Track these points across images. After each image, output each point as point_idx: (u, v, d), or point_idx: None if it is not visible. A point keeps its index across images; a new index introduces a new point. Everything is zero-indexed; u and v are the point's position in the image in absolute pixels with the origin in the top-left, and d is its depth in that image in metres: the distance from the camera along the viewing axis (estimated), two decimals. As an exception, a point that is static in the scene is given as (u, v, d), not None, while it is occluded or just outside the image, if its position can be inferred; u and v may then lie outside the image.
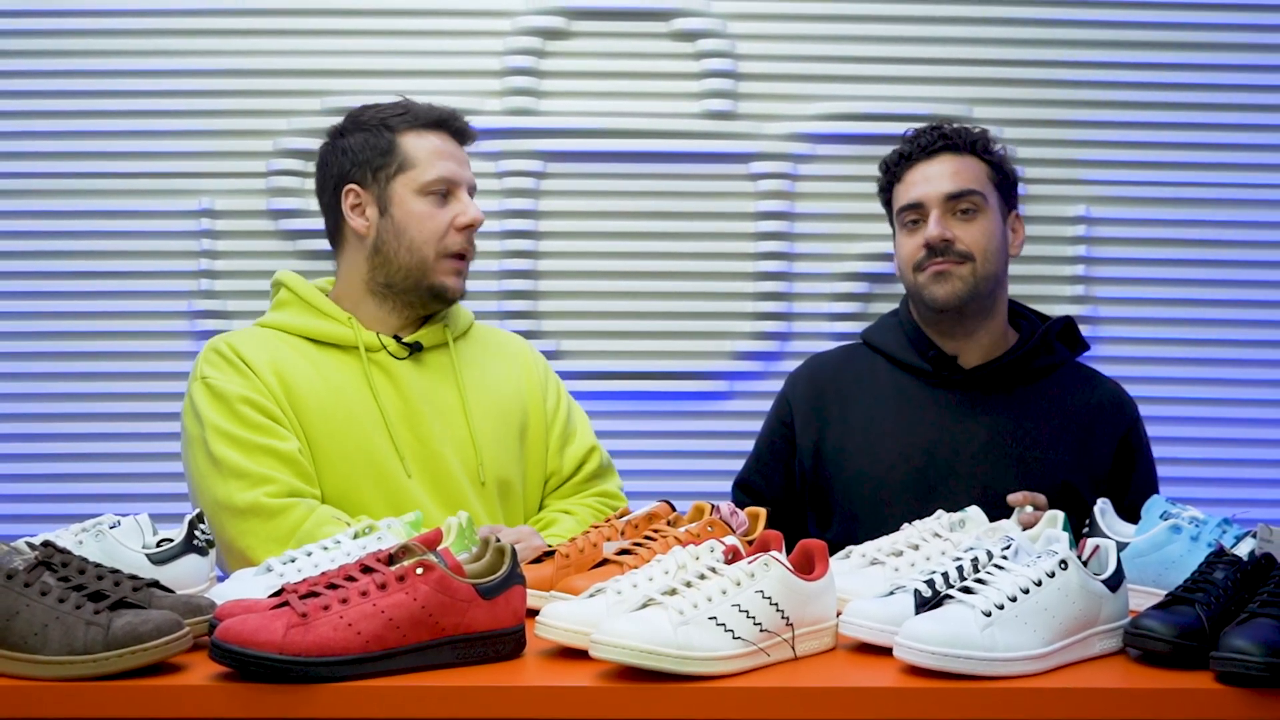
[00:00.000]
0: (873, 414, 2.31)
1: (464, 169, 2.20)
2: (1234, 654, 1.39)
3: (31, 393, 2.89)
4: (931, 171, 2.29)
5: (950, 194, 2.27)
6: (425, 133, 2.17)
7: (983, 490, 2.15)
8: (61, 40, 2.88)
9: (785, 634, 1.48)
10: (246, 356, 2.07)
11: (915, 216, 2.29)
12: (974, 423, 2.27)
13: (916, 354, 2.32)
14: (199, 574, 1.71)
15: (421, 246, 2.14)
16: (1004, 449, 2.25)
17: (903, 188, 2.32)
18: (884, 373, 2.35)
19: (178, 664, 1.43)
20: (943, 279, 2.25)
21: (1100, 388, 2.37)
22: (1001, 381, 2.30)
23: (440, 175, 2.15)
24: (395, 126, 2.16)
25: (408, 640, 1.42)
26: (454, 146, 2.20)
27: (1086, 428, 2.29)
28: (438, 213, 2.15)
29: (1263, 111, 2.97)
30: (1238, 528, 1.75)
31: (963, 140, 2.31)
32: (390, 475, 2.09)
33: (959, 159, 2.30)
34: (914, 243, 2.28)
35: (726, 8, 2.94)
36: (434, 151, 2.17)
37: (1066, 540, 1.55)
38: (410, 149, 2.16)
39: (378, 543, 1.68)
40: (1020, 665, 1.43)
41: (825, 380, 2.38)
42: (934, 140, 2.30)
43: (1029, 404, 2.29)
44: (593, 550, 1.76)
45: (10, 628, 1.38)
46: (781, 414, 2.39)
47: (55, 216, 2.88)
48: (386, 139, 2.16)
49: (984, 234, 2.27)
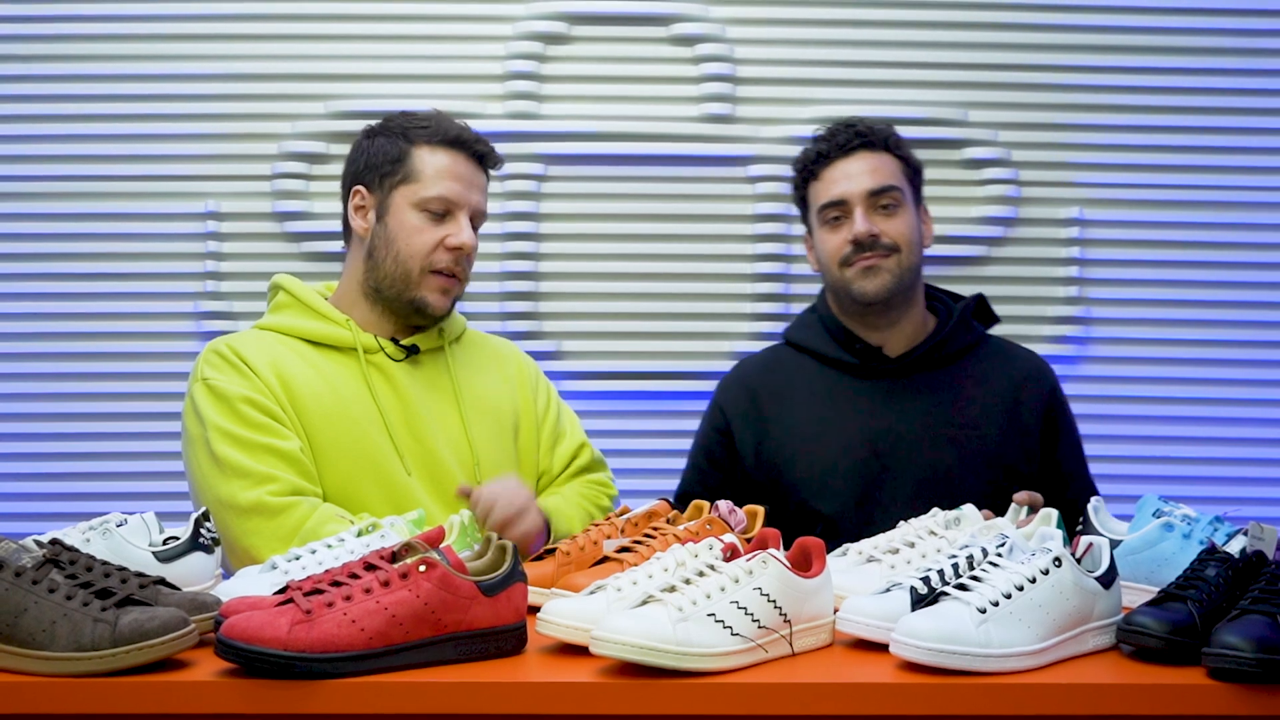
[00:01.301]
0: (809, 412, 2.33)
1: (470, 192, 2.15)
2: (1225, 650, 1.39)
3: (39, 393, 2.89)
4: (851, 169, 2.30)
5: (872, 190, 2.29)
6: (439, 149, 2.15)
7: (926, 473, 2.23)
8: (69, 45, 2.88)
9: (783, 630, 1.48)
10: (247, 357, 2.07)
11: (838, 214, 2.30)
12: (907, 408, 2.30)
13: (842, 348, 2.35)
14: (205, 571, 1.72)
15: (407, 259, 2.13)
16: (940, 430, 2.28)
17: (822, 185, 2.32)
18: (813, 370, 2.36)
19: (184, 660, 1.43)
20: (872, 273, 2.27)
21: (1019, 358, 2.42)
22: (927, 365, 2.33)
23: (439, 194, 2.13)
24: (413, 138, 2.16)
25: (411, 637, 1.42)
26: (469, 169, 2.17)
27: (1013, 397, 2.33)
28: (429, 229, 2.13)
29: (1255, 115, 2.97)
30: (1229, 525, 1.75)
31: (877, 138, 2.32)
32: (390, 474, 2.09)
33: (875, 156, 2.31)
34: (839, 239, 2.29)
35: (725, 13, 2.95)
36: (441, 170, 2.14)
37: (1060, 538, 1.55)
38: (419, 162, 2.14)
39: (381, 540, 1.69)
40: (1015, 661, 1.43)
41: (756, 384, 2.38)
42: (850, 139, 2.31)
43: (956, 383, 2.33)
44: (593, 548, 1.76)
45: (18, 624, 1.39)
46: (716, 422, 2.39)
47: (63, 219, 2.89)
48: (401, 148, 2.15)
49: (906, 226, 2.30)
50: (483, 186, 2.20)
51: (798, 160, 2.38)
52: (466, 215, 2.14)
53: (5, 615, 1.39)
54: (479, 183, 2.19)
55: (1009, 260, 2.97)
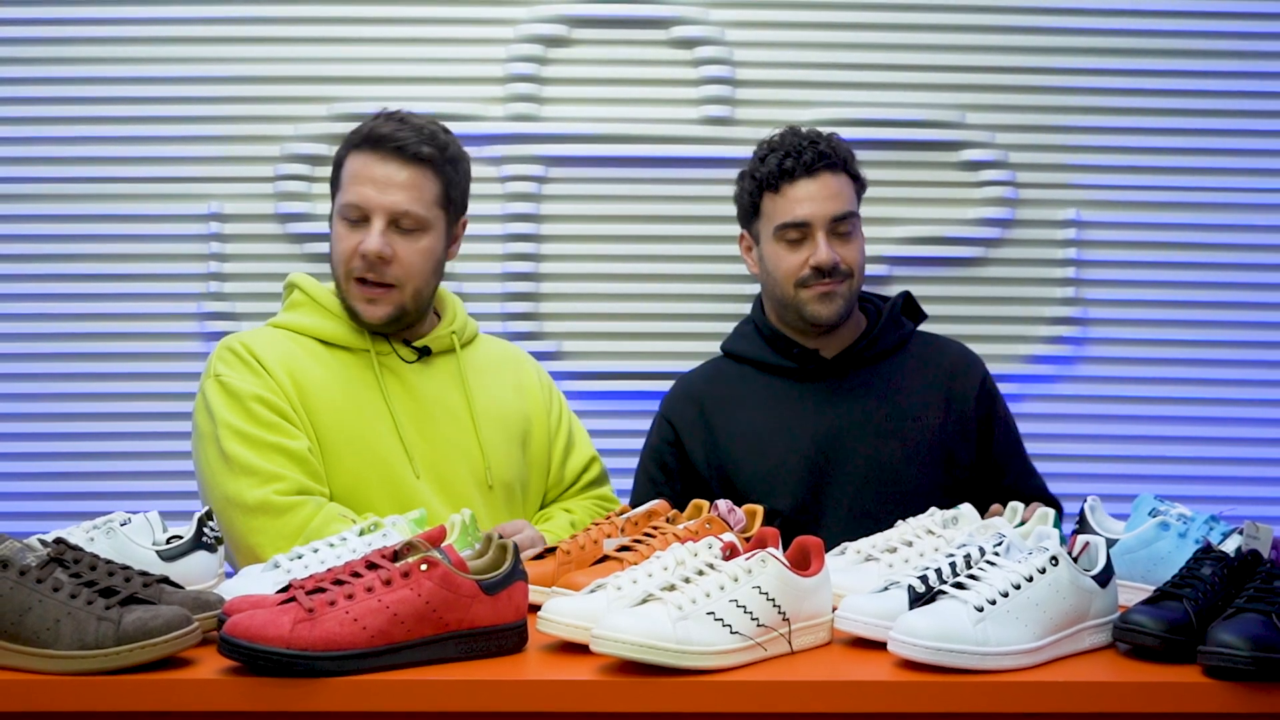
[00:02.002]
0: (754, 417, 2.34)
1: (383, 194, 2.05)
2: (1221, 648, 1.39)
3: (44, 393, 2.89)
4: (814, 191, 2.28)
5: (835, 216, 2.28)
6: (360, 153, 2.09)
7: (871, 464, 2.27)
8: (73, 48, 2.88)
9: (782, 629, 1.48)
10: (260, 355, 2.07)
11: (798, 235, 2.29)
12: (848, 405, 2.32)
13: (780, 355, 2.37)
14: (208, 570, 1.71)
15: (335, 266, 2.12)
16: (881, 424, 2.31)
17: (783, 203, 2.29)
18: (754, 378, 2.39)
19: (187, 658, 1.43)
20: (828, 299, 2.29)
21: (948, 348, 2.44)
22: (862, 363, 2.36)
23: (349, 200, 2.08)
24: (348, 143, 2.12)
25: (412, 635, 1.42)
26: (385, 169, 2.07)
27: (947, 387, 2.36)
28: (347, 236, 2.08)
29: (1250, 117, 2.97)
30: (1224, 524, 1.75)
31: (838, 157, 2.31)
32: (398, 475, 2.08)
33: (835, 178, 2.30)
34: (797, 259, 2.29)
35: (724, 16, 2.95)
36: (354, 174, 2.09)
37: (1057, 537, 1.55)
38: (346, 169, 2.11)
39: (383, 540, 1.69)
40: (1012, 659, 1.43)
41: (701, 395, 2.40)
42: (815, 158, 2.28)
43: (892, 378, 2.35)
44: (593, 547, 1.76)
45: (23, 623, 1.39)
46: (664, 435, 2.40)
47: (69, 220, 2.89)
48: (340, 156, 2.13)
49: (858, 251, 2.32)
50: (403, 183, 2.07)
51: (755, 168, 2.33)
52: (382, 219, 2.06)
53: (10, 614, 1.39)
54: (399, 180, 2.07)
55: (1006, 261, 2.97)
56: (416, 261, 2.09)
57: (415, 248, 2.09)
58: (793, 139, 2.32)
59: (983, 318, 2.94)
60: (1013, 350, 2.94)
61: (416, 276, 2.10)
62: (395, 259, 2.07)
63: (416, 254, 2.09)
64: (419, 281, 2.10)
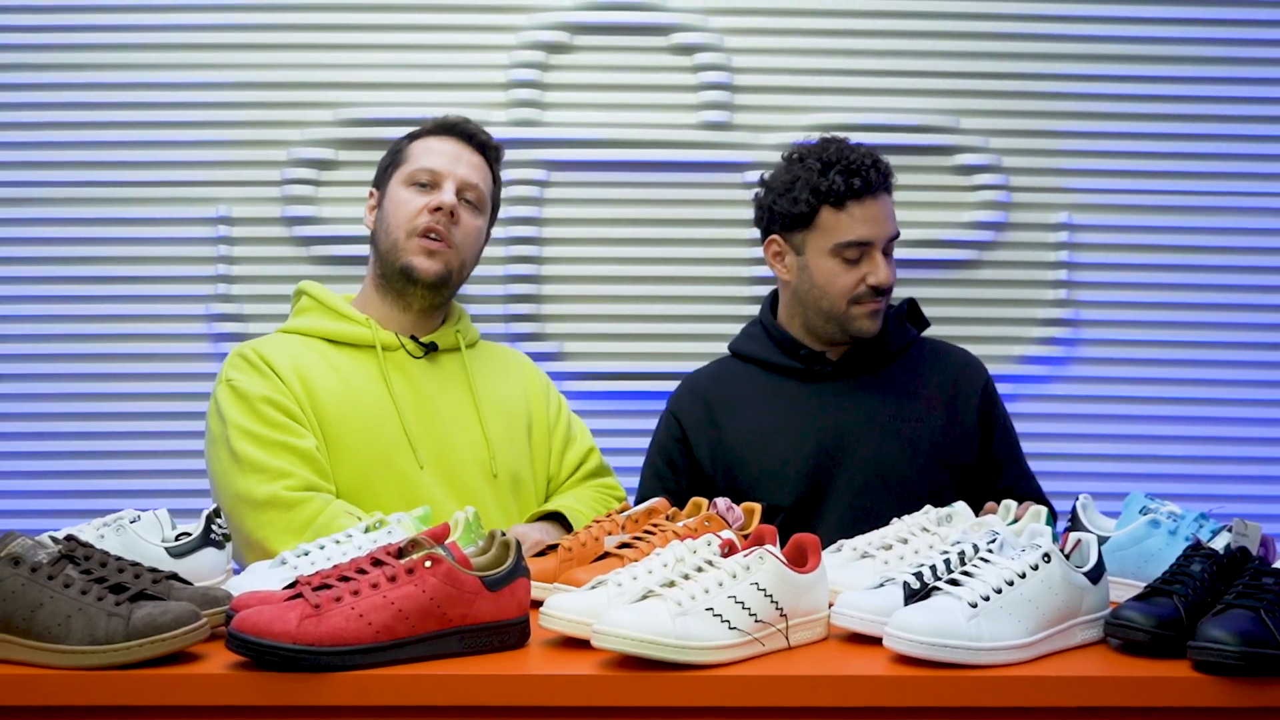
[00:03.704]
0: (759, 415, 2.35)
1: (455, 165, 2.22)
2: (1210, 643, 1.40)
3: (56, 393, 2.89)
4: (877, 211, 2.30)
5: (891, 237, 2.32)
6: (429, 138, 2.25)
7: (873, 464, 2.28)
8: (84, 55, 2.88)
9: (779, 624, 1.48)
10: (270, 359, 2.10)
11: (858, 255, 2.29)
12: (852, 406, 2.33)
13: (787, 356, 2.38)
14: (216, 567, 1.71)
15: (395, 230, 2.19)
16: (884, 425, 2.32)
17: (848, 220, 2.28)
18: (760, 378, 2.40)
19: (196, 653, 1.43)
20: (875, 316, 2.32)
21: (952, 354, 2.45)
22: (868, 366, 2.37)
23: (423, 165, 2.20)
24: (412, 136, 2.27)
25: (417, 630, 1.42)
26: (455, 146, 2.24)
27: (950, 392, 2.37)
28: (414, 198, 2.19)
29: (1239, 122, 2.97)
30: (1214, 522, 1.75)
31: (891, 178, 2.34)
32: (403, 468, 2.10)
33: (890, 199, 2.34)
34: (854, 276, 2.29)
35: (723, 23, 2.94)
36: (425, 149, 2.23)
37: (1049, 535, 1.56)
38: (411, 149, 2.24)
39: (388, 536, 1.69)
40: (1005, 654, 1.43)
41: (708, 393, 2.41)
42: (878, 180, 2.29)
43: (896, 381, 2.37)
44: (594, 544, 1.76)
45: (35, 619, 1.39)
46: (671, 432, 2.41)
47: (79, 223, 2.88)
48: (401, 145, 2.26)
49: (894, 270, 2.34)
50: (473, 163, 2.24)
51: (817, 181, 2.29)
52: (451, 183, 2.19)
53: (22, 609, 1.39)
54: (467, 158, 2.24)
55: (999, 264, 2.97)
56: (471, 234, 2.23)
57: (473, 223, 2.22)
58: (853, 155, 2.30)
59: (976, 319, 2.94)
60: (1006, 351, 2.94)
61: (467, 249, 2.22)
62: (460, 223, 2.18)
63: (472, 229, 2.23)
64: (467, 254, 2.23)
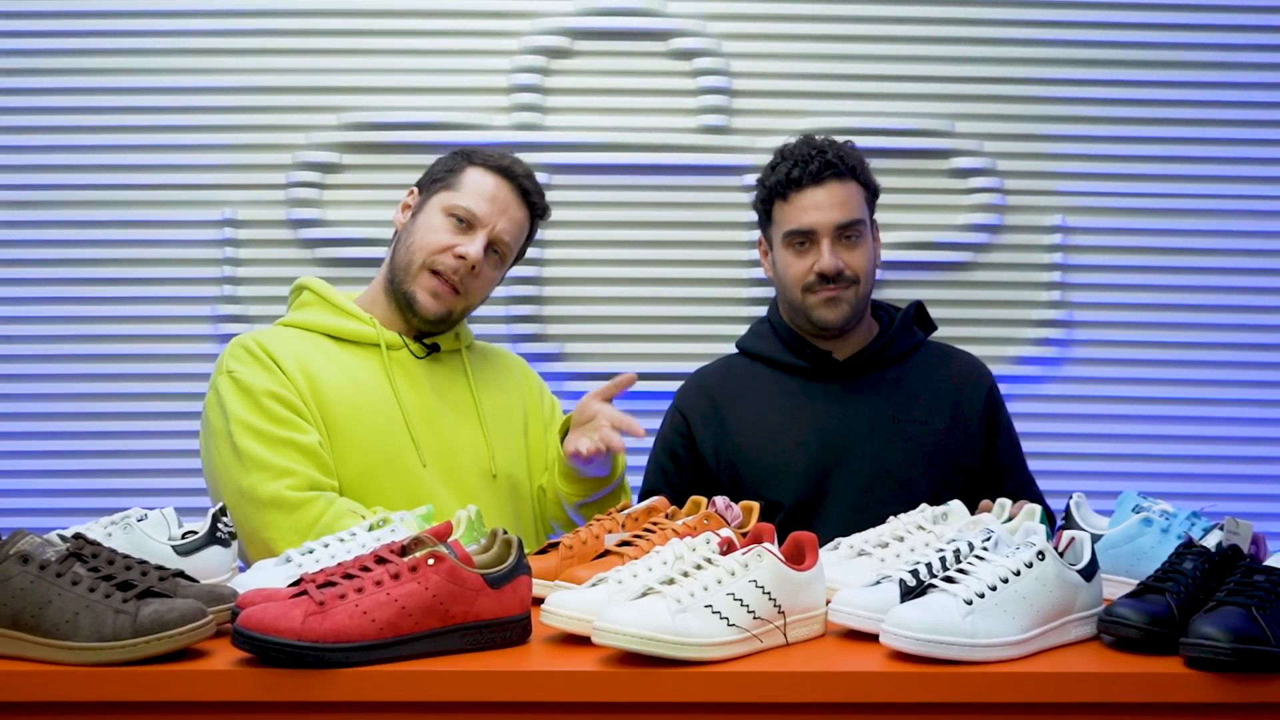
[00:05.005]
0: (765, 413, 2.35)
1: (498, 216, 2.17)
2: (1202, 640, 1.40)
3: (64, 393, 2.89)
4: (820, 199, 2.28)
5: (840, 224, 2.28)
6: (488, 172, 2.20)
7: (876, 464, 2.26)
8: (91, 59, 2.88)
9: (777, 621, 1.48)
10: (273, 352, 2.07)
11: (804, 241, 2.30)
12: (857, 407, 2.32)
13: (794, 354, 2.37)
14: (222, 564, 1.71)
15: (415, 251, 2.16)
16: (888, 425, 2.31)
17: (790, 210, 2.30)
18: (766, 375, 2.39)
19: (202, 650, 1.43)
20: (833, 304, 2.30)
21: (958, 358, 2.44)
22: (873, 367, 2.36)
23: (466, 205, 2.16)
24: (473, 160, 2.21)
25: (420, 627, 1.42)
26: (507, 196, 2.19)
27: (955, 394, 2.36)
28: (447, 233, 2.15)
29: (1232, 126, 2.97)
30: (1206, 520, 1.75)
31: (845, 165, 2.30)
32: (406, 466, 2.09)
33: (843, 186, 2.30)
34: (803, 265, 2.30)
35: (722, 28, 2.95)
36: (477, 186, 2.18)
37: (1044, 533, 1.56)
38: (465, 176, 2.19)
39: (391, 535, 1.69)
40: (1000, 651, 1.43)
41: (714, 389, 2.40)
42: (822, 168, 2.28)
43: (901, 382, 2.36)
44: (595, 542, 1.76)
45: (43, 615, 1.39)
46: (676, 426, 2.41)
47: (87, 225, 2.89)
48: (458, 163, 2.21)
49: (865, 257, 2.32)
50: (516, 220, 2.20)
51: (766, 176, 2.35)
52: (485, 235, 2.15)
53: (30, 606, 1.39)
54: (512, 214, 2.20)
55: (994, 266, 2.97)
56: (485, 285, 2.21)
57: (491, 274, 2.21)
58: (803, 148, 2.31)
59: (972, 320, 2.94)
60: (1001, 352, 2.94)
61: (476, 297, 2.21)
62: (479, 276, 2.16)
63: (489, 279, 2.21)
64: (475, 301, 2.22)
